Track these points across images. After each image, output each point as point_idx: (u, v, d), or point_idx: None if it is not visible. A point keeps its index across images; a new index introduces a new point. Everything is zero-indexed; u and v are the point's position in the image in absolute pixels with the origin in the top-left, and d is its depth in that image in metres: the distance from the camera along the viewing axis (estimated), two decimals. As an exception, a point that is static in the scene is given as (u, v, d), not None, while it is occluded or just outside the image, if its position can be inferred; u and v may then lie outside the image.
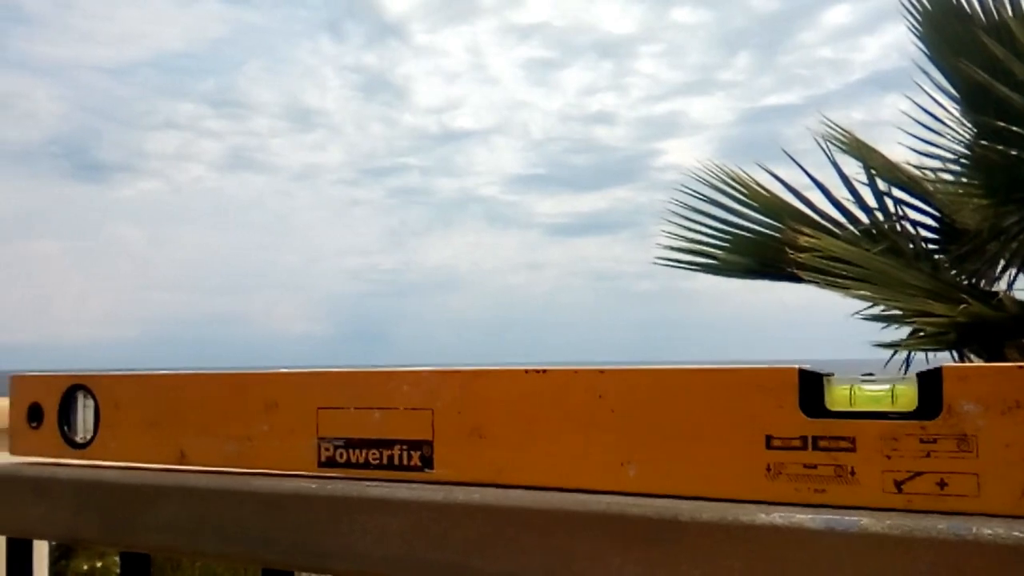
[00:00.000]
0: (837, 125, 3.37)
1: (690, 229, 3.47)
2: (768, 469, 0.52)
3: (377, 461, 0.63)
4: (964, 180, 3.25)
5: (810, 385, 0.51)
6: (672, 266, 3.54)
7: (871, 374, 0.53)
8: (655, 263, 3.53)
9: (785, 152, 3.44)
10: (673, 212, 3.45)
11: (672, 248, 3.50)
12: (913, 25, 3.29)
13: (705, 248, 3.48)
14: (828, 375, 0.52)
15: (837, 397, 0.51)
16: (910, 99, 3.28)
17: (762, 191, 3.36)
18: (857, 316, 2.94)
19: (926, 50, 3.27)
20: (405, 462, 0.63)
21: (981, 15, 3.00)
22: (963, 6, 3.05)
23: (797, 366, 0.52)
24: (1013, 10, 2.89)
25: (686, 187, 3.43)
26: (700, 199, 3.43)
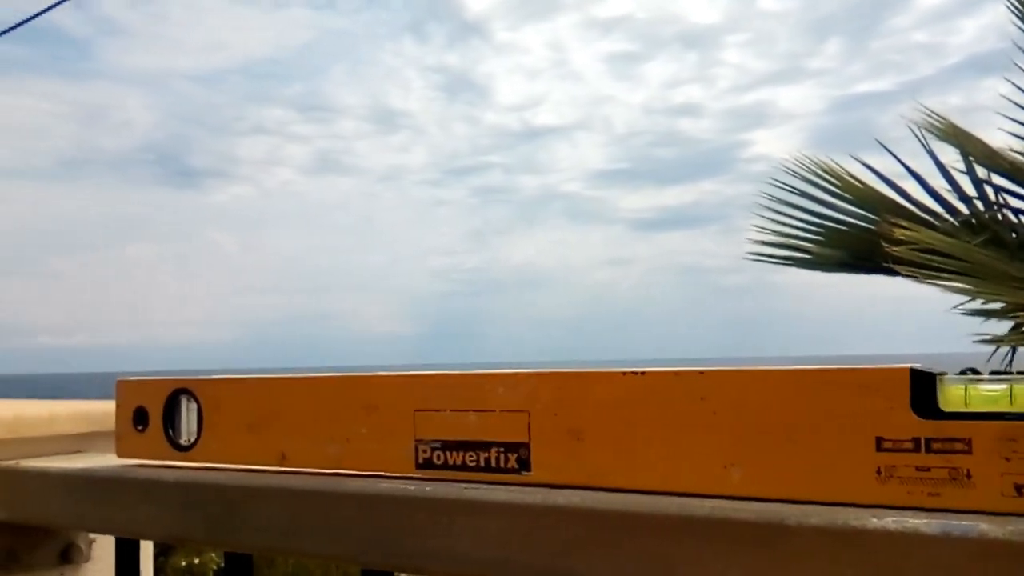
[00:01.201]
0: (933, 111, 3.24)
1: (781, 223, 3.39)
2: (879, 472, 0.50)
3: (474, 463, 0.63)
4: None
5: (922, 385, 0.50)
6: (763, 261, 3.46)
7: (973, 369, 0.51)
8: (746, 258, 3.46)
9: (878, 141, 3.33)
10: (763, 206, 3.37)
11: (763, 242, 3.42)
12: (1013, 4, 3.15)
13: (797, 242, 3.39)
14: (941, 374, 0.50)
15: (951, 397, 0.49)
16: (1010, 82, 3.15)
17: (855, 182, 3.26)
18: (956, 310, 2.84)
19: (1027, 29, 3.13)
20: (502, 464, 0.62)
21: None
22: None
23: (908, 365, 0.50)
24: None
25: (776, 179, 3.35)
26: (791, 192, 3.35)
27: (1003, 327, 2.82)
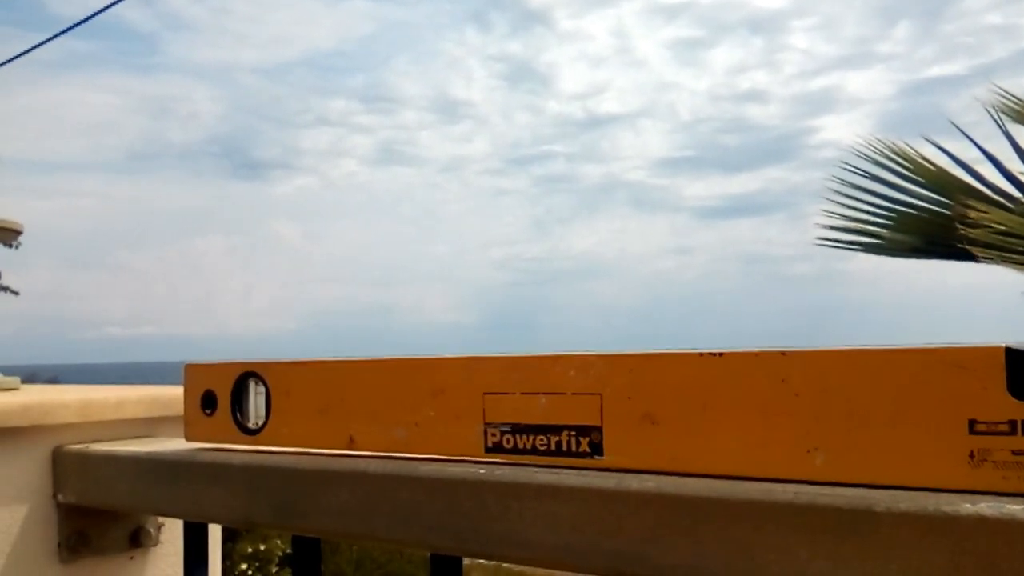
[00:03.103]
0: (1009, 93, 3.15)
1: (851, 208, 3.32)
2: (972, 456, 0.48)
3: (545, 447, 0.62)
4: None
5: (1019, 365, 0.47)
6: (833, 246, 3.39)
7: None
8: (815, 244, 3.40)
9: (953, 124, 3.24)
10: (833, 190, 3.31)
11: (833, 227, 3.36)
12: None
13: (868, 227, 3.33)
14: None
15: (1051, 378, 0.47)
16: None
17: (929, 165, 3.19)
18: (1034, 294, 2.75)
19: (1107, 7, 3.03)
20: (573, 448, 0.61)
21: None
22: None
23: (1004, 344, 0.48)
24: None
25: (846, 163, 3.29)
26: (862, 175, 3.28)
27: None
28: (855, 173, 3.31)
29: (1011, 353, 0.47)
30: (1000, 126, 3.09)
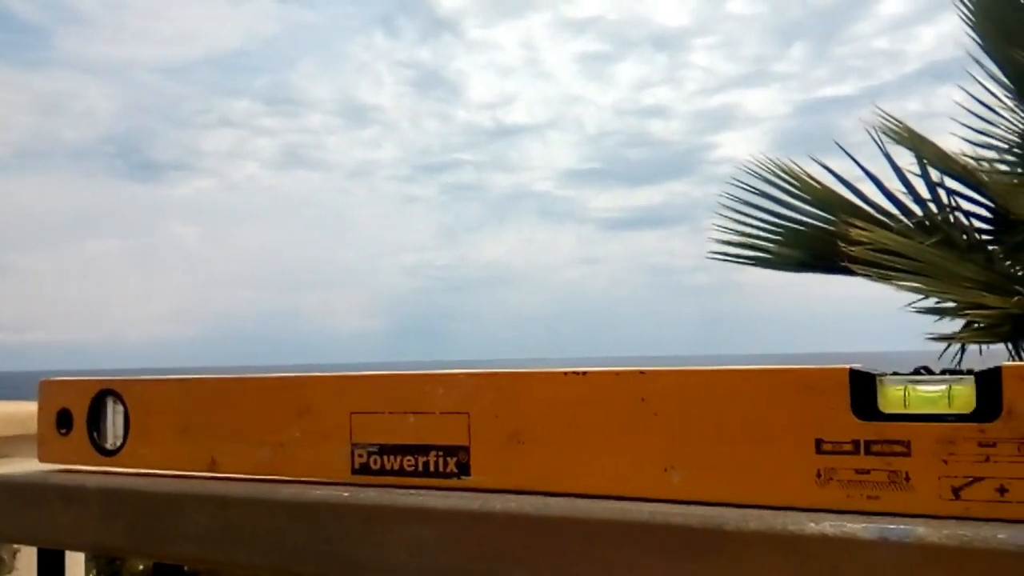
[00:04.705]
0: (890, 116, 3.30)
1: (742, 223, 3.43)
2: (818, 475, 0.49)
3: (412, 468, 0.62)
4: (1019, 170, 3.17)
5: (862, 386, 0.49)
6: (725, 260, 3.49)
7: (926, 368, 0.50)
8: (708, 258, 3.49)
9: (837, 144, 3.38)
10: (725, 206, 3.41)
11: (725, 242, 3.45)
12: (966, 15, 3.21)
13: (757, 242, 3.43)
14: (881, 375, 0.49)
15: (891, 398, 0.48)
16: (964, 89, 3.21)
17: (814, 183, 3.31)
18: (910, 309, 2.88)
19: (979, 40, 3.20)
20: (441, 469, 0.61)
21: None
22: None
23: (848, 366, 0.49)
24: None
25: (738, 180, 3.38)
26: (752, 192, 3.38)
27: (955, 325, 2.87)
28: (746, 189, 3.41)
29: (855, 375, 0.49)
30: (880, 147, 3.23)
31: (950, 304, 2.78)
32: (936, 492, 0.46)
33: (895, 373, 0.49)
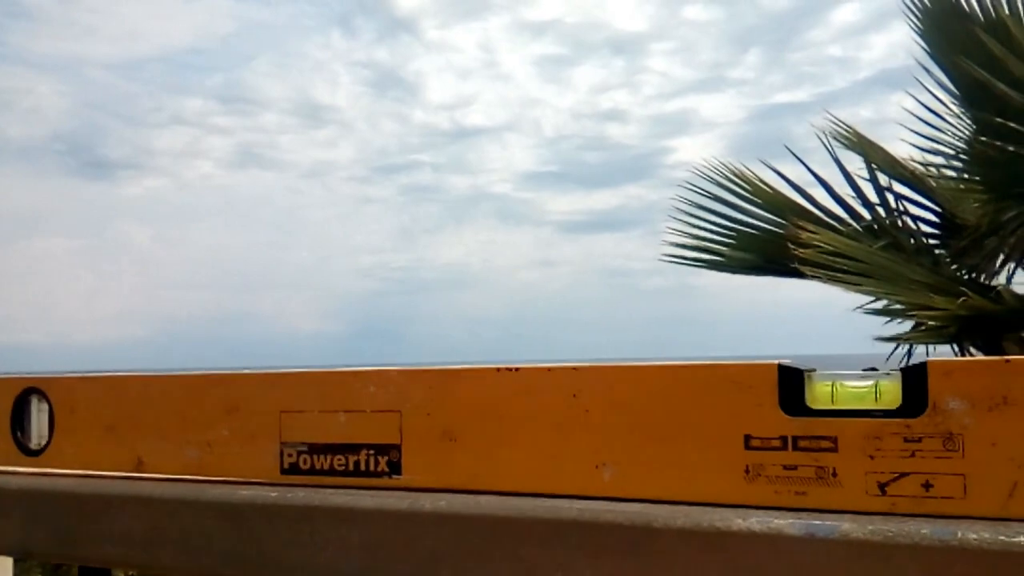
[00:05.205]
0: (841, 122, 3.35)
1: (696, 226, 3.46)
2: (747, 471, 0.49)
3: (342, 467, 0.60)
4: (965, 176, 3.23)
5: (791, 382, 0.48)
6: (678, 263, 3.52)
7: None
8: (662, 260, 3.52)
9: (788, 149, 3.42)
10: (679, 209, 3.43)
11: (679, 245, 3.48)
12: (915, 23, 3.27)
13: (711, 245, 3.46)
14: (810, 371, 0.49)
15: (819, 394, 0.48)
16: (913, 97, 3.26)
17: (766, 188, 3.34)
18: (860, 311, 2.92)
19: (928, 48, 3.26)
20: (372, 468, 0.60)
21: (980, 14, 2.98)
22: (962, 5, 3.03)
23: (777, 361, 0.49)
24: (1010, 8, 2.87)
25: (692, 184, 3.41)
26: (706, 196, 3.41)
27: (904, 327, 2.91)
28: (699, 193, 3.44)
29: (784, 370, 0.49)
30: (831, 152, 3.27)
31: (898, 306, 2.82)
32: (863, 488, 0.46)
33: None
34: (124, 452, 0.68)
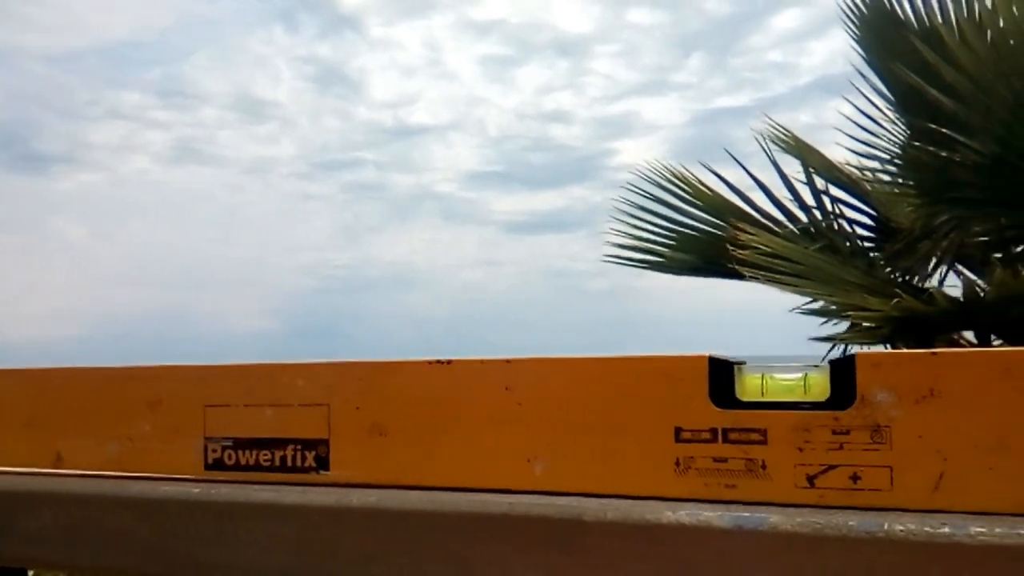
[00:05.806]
0: (779, 126, 3.39)
1: (638, 228, 3.47)
2: (677, 463, 0.49)
3: (269, 463, 0.59)
4: (899, 180, 3.29)
5: (720, 374, 0.48)
6: (620, 264, 3.53)
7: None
8: (603, 261, 3.53)
9: (728, 152, 3.46)
10: (621, 211, 3.45)
11: (621, 246, 3.50)
12: (852, 30, 3.32)
13: (652, 246, 3.48)
14: (740, 363, 0.49)
15: (748, 387, 0.48)
16: (850, 102, 3.32)
17: (706, 190, 3.37)
18: (796, 311, 2.96)
19: (864, 55, 3.31)
20: (299, 463, 0.58)
21: (914, 22, 3.04)
22: (898, 13, 3.09)
23: (707, 354, 0.49)
24: (943, 17, 2.93)
25: (634, 186, 3.43)
26: (648, 198, 3.43)
27: (840, 328, 2.96)
28: (641, 195, 3.45)
29: (714, 362, 0.48)
30: (769, 156, 3.31)
31: (834, 307, 2.87)
32: (792, 480, 0.46)
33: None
34: (42, 447, 0.65)
